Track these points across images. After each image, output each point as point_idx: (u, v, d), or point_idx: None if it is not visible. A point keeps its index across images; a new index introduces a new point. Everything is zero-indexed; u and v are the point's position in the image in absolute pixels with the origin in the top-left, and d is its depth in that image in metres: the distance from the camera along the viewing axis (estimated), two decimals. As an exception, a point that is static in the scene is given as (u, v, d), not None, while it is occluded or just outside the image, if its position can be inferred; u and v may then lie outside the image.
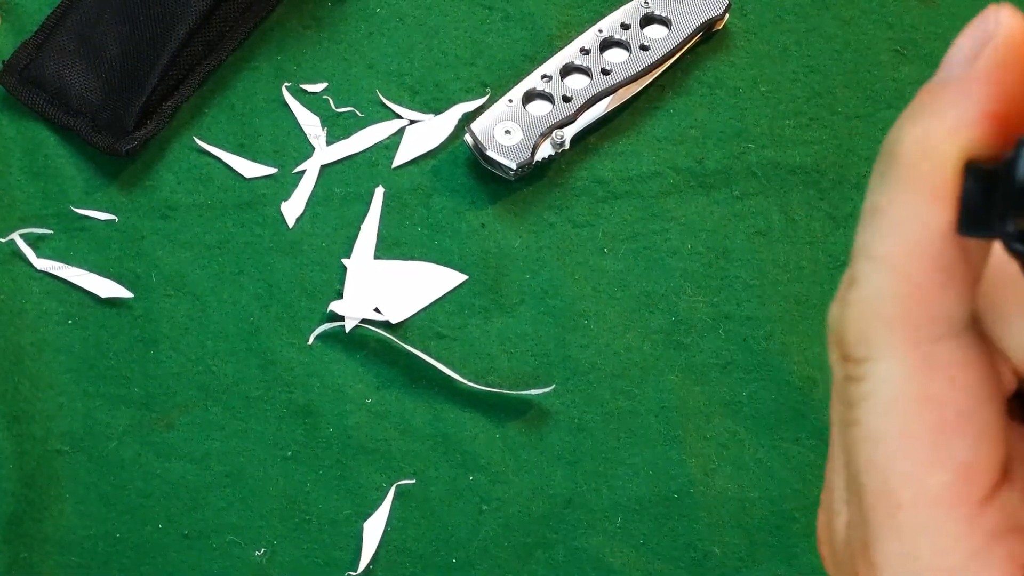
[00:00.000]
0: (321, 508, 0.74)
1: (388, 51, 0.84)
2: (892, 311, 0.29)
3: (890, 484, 0.30)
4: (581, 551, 0.73)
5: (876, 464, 0.30)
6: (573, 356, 0.77)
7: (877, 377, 0.30)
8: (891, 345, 0.29)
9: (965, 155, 0.28)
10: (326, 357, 0.77)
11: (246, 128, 0.82)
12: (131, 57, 0.82)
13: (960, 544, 0.30)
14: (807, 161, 0.82)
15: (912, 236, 0.29)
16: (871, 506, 0.30)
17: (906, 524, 0.30)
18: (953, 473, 0.30)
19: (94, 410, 0.75)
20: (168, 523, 0.73)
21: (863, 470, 0.30)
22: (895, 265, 0.29)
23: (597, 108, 0.82)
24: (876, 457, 0.30)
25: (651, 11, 0.84)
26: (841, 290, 0.31)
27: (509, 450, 0.75)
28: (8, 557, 0.72)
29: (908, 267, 0.29)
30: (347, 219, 0.80)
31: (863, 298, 0.30)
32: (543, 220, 0.80)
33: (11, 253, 0.79)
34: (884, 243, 0.29)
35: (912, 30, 0.86)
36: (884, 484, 0.30)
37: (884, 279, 0.29)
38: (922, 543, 0.30)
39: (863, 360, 0.30)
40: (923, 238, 0.29)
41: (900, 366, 0.30)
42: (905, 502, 0.30)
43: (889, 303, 0.29)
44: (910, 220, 0.29)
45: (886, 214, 0.29)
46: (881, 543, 0.30)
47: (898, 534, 0.30)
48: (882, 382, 0.30)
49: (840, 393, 0.31)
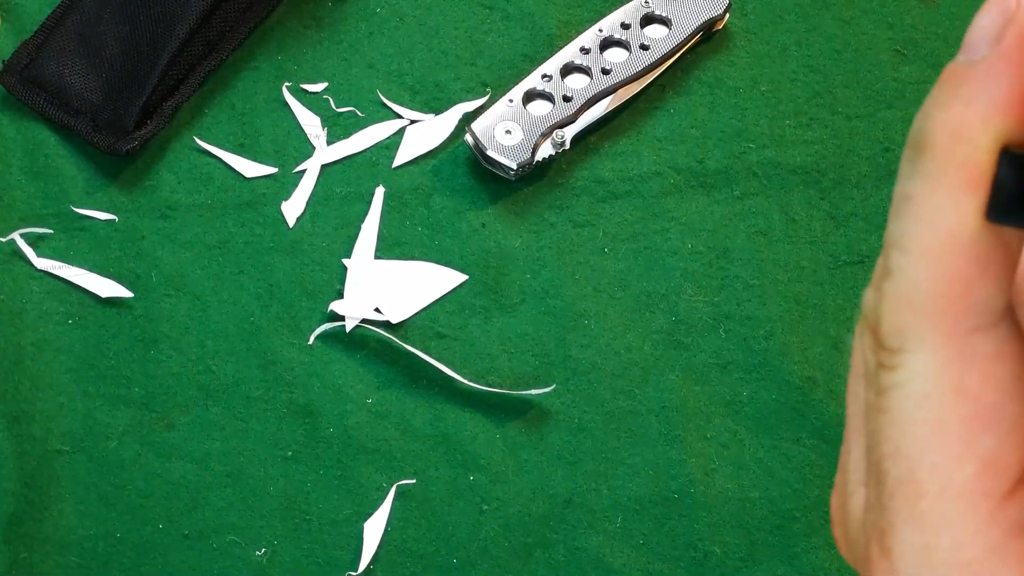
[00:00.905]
0: (321, 508, 0.74)
1: (388, 51, 0.84)
2: (927, 303, 0.29)
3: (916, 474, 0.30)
4: (581, 551, 0.73)
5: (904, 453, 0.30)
6: (573, 356, 0.77)
7: (911, 368, 0.30)
8: (926, 337, 0.29)
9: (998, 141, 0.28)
10: (326, 357, 0.77)
11: (246, 128, 0.82)
12: (131, 57, 0.82)
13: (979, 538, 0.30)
14: (807, 161, 0.82)
15: (947, 226, 0.28)
16: (892, 493, 0.30)
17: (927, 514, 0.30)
18: (980, 466, 0.29)
19: (94, 410, 0.75)
20: (168, 523, 0.73)
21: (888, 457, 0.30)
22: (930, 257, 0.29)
23: (597, 108, 0.82)
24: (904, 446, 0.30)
25: (651, 11, 0.84)
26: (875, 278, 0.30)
27: (509, 450, 0.75)
28: (8, 557, 0.72)
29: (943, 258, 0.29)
30: (347, 219, 0.80)
31: (898, 290, 0.29)
32: (543, 220, 0.80)
33: (11, 253, 0.79)
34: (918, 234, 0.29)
35: (912, 30, 0.86)
36: (909, 473, 0.30)
37: (919, 271, 0.29)
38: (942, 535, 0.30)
39: (898, 351, 0.30)
40: (958, 228, 0.28)
41: (935, 358, 0.29)
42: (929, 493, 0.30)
43: (924, 295, 0.29)
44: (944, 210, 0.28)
45: (919, 203, 0.29)
46: (899, 531, 0.30)
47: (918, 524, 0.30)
48: (916, 374, 0.30)
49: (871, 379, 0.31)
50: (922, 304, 0.29)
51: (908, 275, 0.29)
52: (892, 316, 0.30)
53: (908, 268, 0.29)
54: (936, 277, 0.29)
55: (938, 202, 0.28)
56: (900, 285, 0.29)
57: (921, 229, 0.29)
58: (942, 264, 0.29)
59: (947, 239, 0.28)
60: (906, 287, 0.29)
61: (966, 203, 0.28)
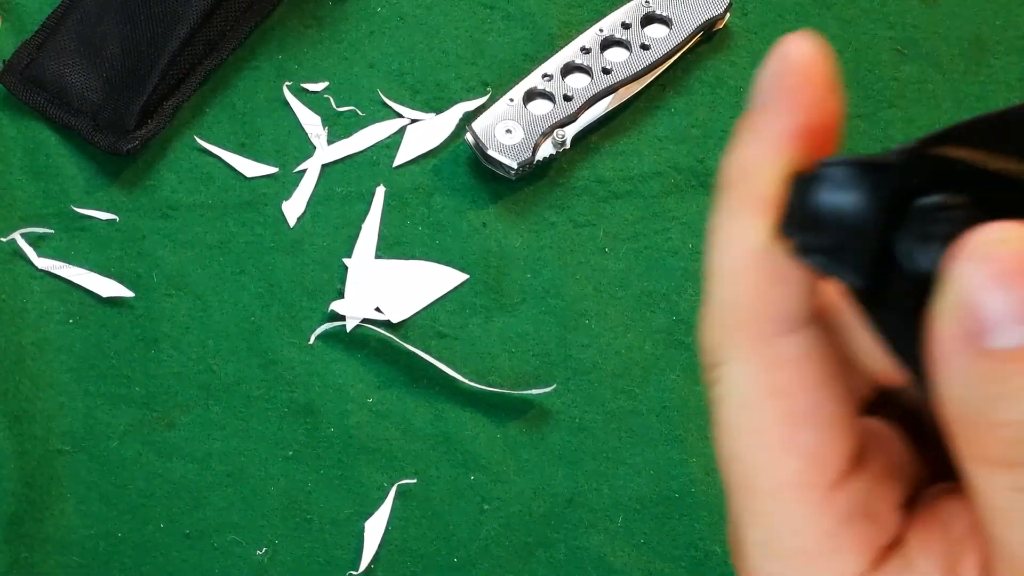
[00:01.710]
0: (322, 507, 0.74)
1: (389, 50, 0.84)
2: (734, 317, 0.32)
3: (749, 475, 0.32)
4: (582, 550, 0.73)
5: (736, 458, 0.32)
6: (574, 355, 0.77)
7: (729, 378, 0.32)
8: (737, 348, 0.32)
9: (784, 171, 0.32)
10: (327, 356, 0.77)
11: (247, 127, 0.82)
12: (132, 56, 0.82)
13: (813, 527, 0.32)
14: (808, 160, 0.82)
15: (743, 248, 0.32)
16: (735, 499, 0.33)
17: (764, 510, 0.32)
18: (803, 460, 0.32)
19: (95, 409, 0.75)
20: (169, 523, 0.73)
21: (726, 464, 0.33)
22: (732, 276, 0.32)
23: (598, 107, 0.82)
24: (736, 451, 0.32)
25: (652, 10, 0.84)
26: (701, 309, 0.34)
27: (510, 450, 0.75)
28: (9, 557, 0.72)
29: (743, 276, 0.32)
30: (348, 218, 0.80)
31: (711, 311, 0.33)
32: (544, 219, 0.80)
33: (12, 252, 0.79)
34: (721, 258, 0.32)
35: (913, 30, 0.86)
36: (744, 476, 0.32)
37: (724, 290, 0.32)
38: (779, 528, 0.32)
39: (717, 365, 0.33)
40: (751, 247, 0.32)
41: (747, 366, 0.32)
42: (761, 490, 0.32)
43: (731, 310, 0.32)
44: (740, 234, 0.32)
45: (721, 233, 0.33)
46: (746, 531, 0.33)
47: (758, 521, 0.32)
48: (734, 382, 0.32)
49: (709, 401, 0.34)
50: (730, 319, 0.32)
51: (716, 296, 0.33)
52: (709, 335, 0.33)
53: (716, 289, 0.33)
54: (738, 293, 0.32)
55: (735, 228, 0.32)
56: (712, 306, 0.33)
57: (723, 254, 0.32)
58: (742, 281, 0.32)
59: (744, 259, 0.32)
60: (716, 306, 0.32)
61: (757, 226, 0.32)
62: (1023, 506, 0.29)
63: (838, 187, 0.30)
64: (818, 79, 0.32)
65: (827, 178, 0.30)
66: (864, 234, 0.30)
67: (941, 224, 0.29)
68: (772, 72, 0.32)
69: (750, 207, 0.32)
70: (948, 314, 0.29)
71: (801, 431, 0.32)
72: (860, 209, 0.30)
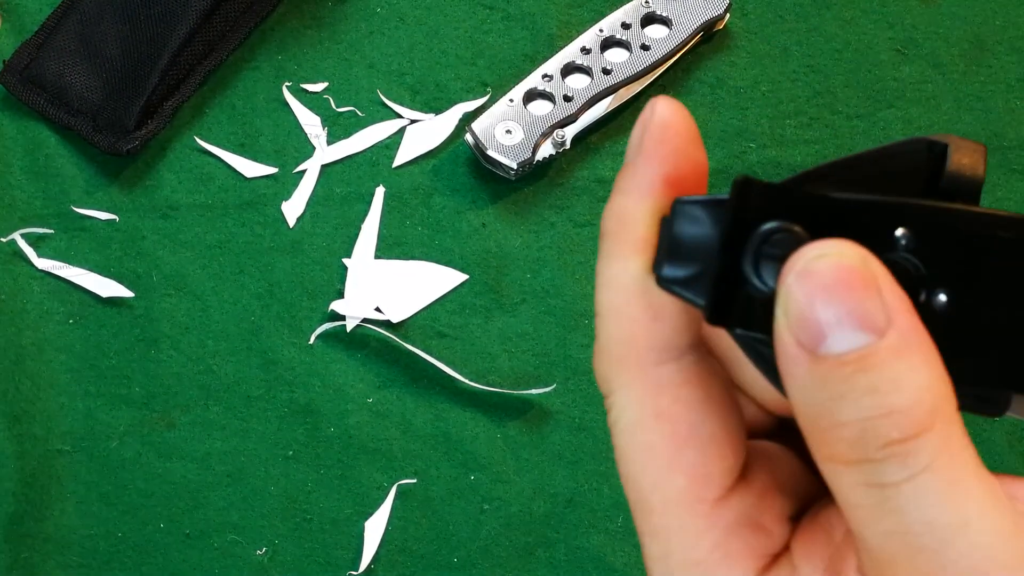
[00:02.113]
0: (322, 507, 0.74)
1: (389, 51, 0.84)
2: (618, 349, 0.35)
3: (643, 494, 0.35)
4: (582, 550, 0.73)
5: (632, 479, 0.35)
6: (574, 355, 0.77)
7: (619, 405, 0.35)
8: (623, 376, 0.35)
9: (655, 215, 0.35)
10: (327, 357, 0.77)
11: (247, 128, 0.82)
12: (132, 57, 0.82)
13: (702, 539, 0.34)
14: (808, 161, 0.82)
15: (621, 286, 0.35)
16: (636, 517, 0.35)
17: (659, 525, 0.35)
18: (688, 478, 0.34)
19: (95, 410, 0.75)
20: (169, 523, 0.73)
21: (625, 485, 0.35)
22: (613, 313, 0.35)
23: (598, 108, 0.82)
24: (631, 473, 0.35)
25: (652, 11, 0.84)
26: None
27: (510, 449, 0.75)
28: (9, 557, 0.72)
29: (623, 312, 0.35)
30: (348, 219, 0.80)
31: (599, 347, 0.35)
32: (544, 220, 0.80)
33: (12, 253, 0.79)
34: (604, 298, 0.35)
35: (912, 30, 0.86)
36: (639, 495, 0.35)
37: (608, 326, 0.35)
38: (674, 541, 0.34)
39: (608, 395, 0.35)
40: (628, 285, 0.35)
41: (632, 392, 0.35)
42: (655, 507, 0.35)
43: (615, 344, 0.35)
44: (618, 275, 0.35)
45: (603, 275, 0.35)
46: (647, 548, 0.35)
47: (655, 536, 0.35)
48: (623, 408, 0.35)
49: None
50: (615, 351, 0.35)
51: (602, 332, 0.35)
52: (599, 368, 0.35)
53: (601, 327, 0.35)
54: (621, 328, 0.35)
55: (614, 270, 0.35)
56: (599, 342, 0.35)
57: (605, 294, 0.35)
58: (623, 316, 0.35)
59: (623, 296, 0.35)
60: (603, 342, 0.35)
61: (633, 265, 0.35)
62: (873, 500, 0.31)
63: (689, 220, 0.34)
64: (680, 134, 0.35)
65: (681, 214, 0.34)
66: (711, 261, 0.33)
67: (777, 247, 0.32)
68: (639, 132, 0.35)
69: (626, 250, 0.35)
70: (783, 326, 0.31)
71: (684, 450, 0.34)
72: (707, 238, 0.33)
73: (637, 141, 0.35)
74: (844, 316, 0.31)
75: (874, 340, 0.31)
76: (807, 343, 0.31)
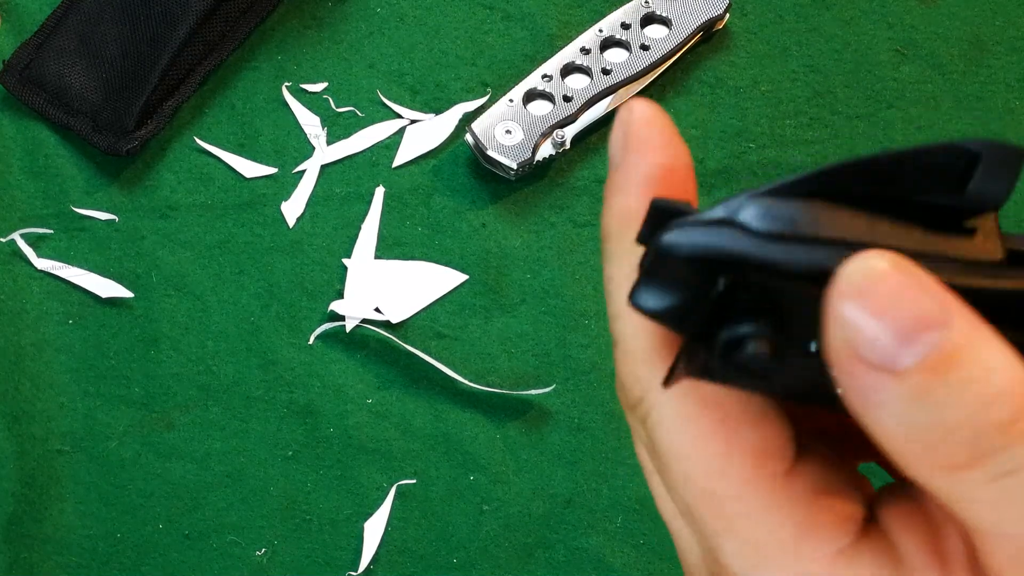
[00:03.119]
0: (322, 508, 0.74)
1: (389, 51, 0.84)
2: (647, 349, 0.34)
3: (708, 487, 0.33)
4: (581, 551, 0.73)
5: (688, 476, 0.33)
6: (574, 356, 0.77)
7: (660, 404, 0.34)
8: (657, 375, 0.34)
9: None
10: (327, 357, 0.77)
11: (246, 128, 0.82)
12: (131, 57, 0.82)
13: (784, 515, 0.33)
14: (808, 161, 0.82)
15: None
16: (702, 517, 0.34)
17: (735, 515, 0.33)
18: (754, 455, 0.33)
19: (94, 410, 0.75)
20: (169, 523, 0.73)
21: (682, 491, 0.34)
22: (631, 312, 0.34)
23: (598, 108, 0.82)
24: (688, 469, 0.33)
25: (651, 11, 0.84)
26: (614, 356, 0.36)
27: (509, 450, 0.75)
28: (8, 557, 0.72)
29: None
30: (347, 219, 0.80)
31: (624, 350, 0.35)
32: (544, 220, 0.80)
33: (11, 253, 0.79)
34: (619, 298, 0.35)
35: (912, 30, 0.86)
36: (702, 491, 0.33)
37: (632, 328, 0.34)
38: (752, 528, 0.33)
39: (642, 397, 0.34)
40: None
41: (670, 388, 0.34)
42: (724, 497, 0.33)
43: (642, 344, 0.34)
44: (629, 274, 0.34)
45: (614, 277, 0.35)
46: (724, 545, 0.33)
47: (731, 528, 0.33)
48: (665, 406, 0.34)
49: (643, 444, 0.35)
50: (644, 352, 0.34)
51: (626, 335, 0.34)
52: (627, 372, 0.35)
53: (624, 329, 0.35)
54: (646, 327, 0.34)
55: (625, 270, 0.35)
56: (624, 345, 0.35)
57: (621, 295, 0.35)
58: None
59: None
60: (629, 344, 0.34)
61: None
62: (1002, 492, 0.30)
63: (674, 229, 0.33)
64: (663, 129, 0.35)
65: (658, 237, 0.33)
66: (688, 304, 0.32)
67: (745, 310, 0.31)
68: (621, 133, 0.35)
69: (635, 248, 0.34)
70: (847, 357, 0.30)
71: (741, 430, 0.33)
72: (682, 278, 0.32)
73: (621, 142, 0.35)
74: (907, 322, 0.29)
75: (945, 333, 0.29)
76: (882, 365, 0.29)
